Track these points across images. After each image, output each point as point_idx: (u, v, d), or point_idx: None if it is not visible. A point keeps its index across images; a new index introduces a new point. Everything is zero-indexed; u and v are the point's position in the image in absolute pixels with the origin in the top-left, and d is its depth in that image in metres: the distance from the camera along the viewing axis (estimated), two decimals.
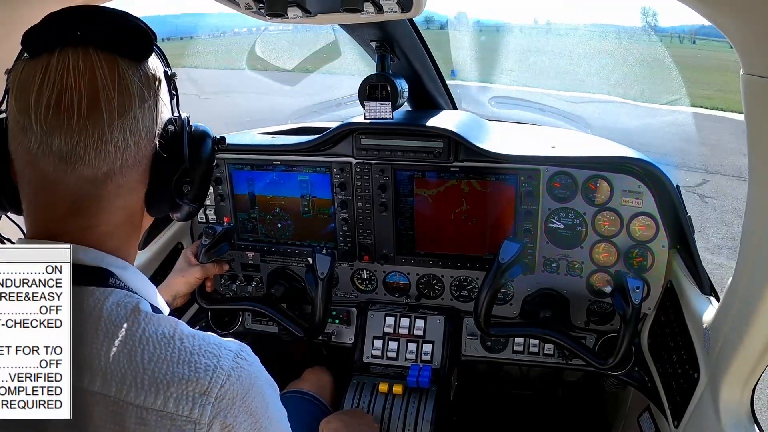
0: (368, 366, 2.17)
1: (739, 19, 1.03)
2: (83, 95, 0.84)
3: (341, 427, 1.79)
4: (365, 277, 2.29)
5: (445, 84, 2.40)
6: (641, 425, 2.06)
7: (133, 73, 0.89)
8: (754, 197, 1.23)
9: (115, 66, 0.87)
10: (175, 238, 2.28)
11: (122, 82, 0.88)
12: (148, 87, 0.92)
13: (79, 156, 0.85)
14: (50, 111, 0.84)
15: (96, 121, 0.85)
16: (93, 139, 0.85)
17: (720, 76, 15.65)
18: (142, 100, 0.90)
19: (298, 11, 1.24)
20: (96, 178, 0.88)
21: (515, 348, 2.16)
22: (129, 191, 0.93)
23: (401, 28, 1.94)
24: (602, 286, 2.01)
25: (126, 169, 0.90)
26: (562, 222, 2.00)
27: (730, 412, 1.41)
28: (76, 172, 0.86)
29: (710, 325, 1.52)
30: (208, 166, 1.06)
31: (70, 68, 0.84)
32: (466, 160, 2.02)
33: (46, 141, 0.84)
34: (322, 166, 2.14)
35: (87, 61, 0.85)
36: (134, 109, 0.89)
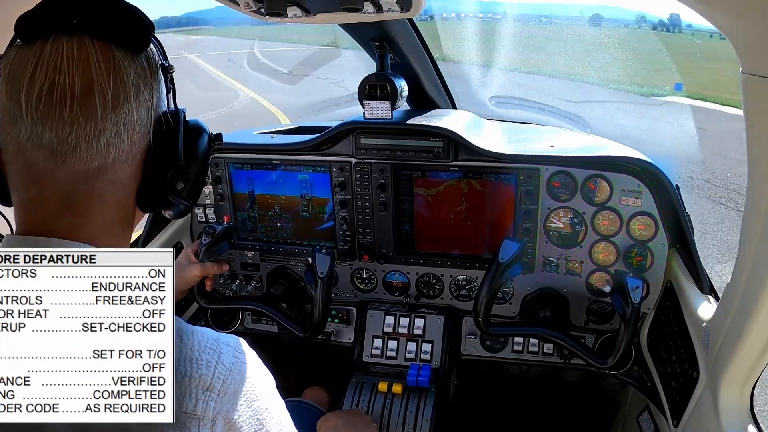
0: (368, 365, 2.17)
1: (738, 19, 1.03)
2: (76, 86, 0.81)
3: (339, 424, 1.79)
4: (365, 277, 2.29)
5: (445, 83, 2.40)
6: (641, 425, 2.06)
7: (129, 64, 0.86)
8: (754, 197, 1.23)
9: (111, 57, 0.84)
10: (175, 237, 2.28)
11: (117, 74, 0.84)
12: (144, 79, 0.89)
13: (70, 149, 0.83)
14: (42, 101, 0.80)
15: (89, 114, 0.82)
16: (85, 132, 0.82)
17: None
18: (137, 93, 0.87)
19: (298, 10, 1.24)
20: (87, 172, 0.85)
21: (515, 347, 2.16)
22: (121, 187, 0.91)
23: (401, 27, 1.94)
24: (602, 286, 2.01)
25: (118, 164, 0.88)
26: (562, 221, 2.00)
27: (730, 412, 1.41)
28: (66, 166, 0.84)
29: (710, 325, 1.52)
30: (203, 163, 1.03)
31: (64, 57, 0.81)
32: (466, 159, 2.02)
33: (36, 132, 0.82)
34: (322, 165, 2.14)
35: (82, 51, 0.82)
36: (129, 102, 0.86)
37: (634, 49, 13.38)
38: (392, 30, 1.90)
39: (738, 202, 7.09)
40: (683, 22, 18.10)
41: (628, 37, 15.77)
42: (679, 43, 18.95)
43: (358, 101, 1.96)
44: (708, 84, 13.14)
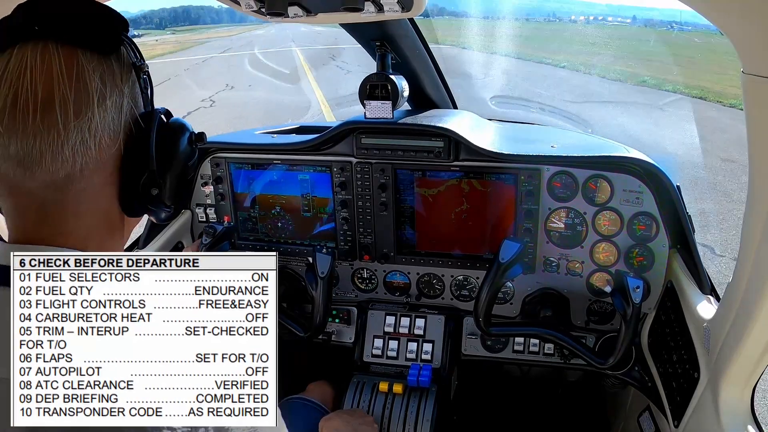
0: (368, 365, 2.17)
1: (738, 18, 1.03)
2: (39, 95, 0.78)
3: (341, 424, 1.79)
4: (365, 277, 2.29)
5: (446, 83, 2.40)
6: (641, 425, 2.06)
7: (94, 68, 0.82)
8: (755, 196, 1.23)
9: (75, 62, 0.81)
10: (176, 237, 2.28)
11: (80, 79, 0.81)
12: (112, 83, 0.85)
13: (35, 160, 0.80)
14: (5, 112, 0.78)
15: (51, 123, 0.79)
16: (49, 142, 0.79)
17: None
18: (102, 97, 0.83)
19: (299, 10, 1.24)
20: (55, 183, 0.82)
21: (515, 347, 2.16)
22: (97, 195, 0.87)
23: (402, 27, 1.94)
24: (602, 286, 2.01)
25: (87, 172, 0.84)
26: (563, 221, 2.00)
27: (731, 412, 1.41)
28: (35, 177, 0.81)
29: (710, 325, 1.52)
30: (181, 166, 0.97)
31: (28, 66, 0.79)
32: (467, 159, 2.02)
33: (3, 144, 0.79)
34: (323, 165, 2.14)
35: (45, 58, 0.80)
36: (93, 107, 0.82)
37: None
38: (393, 30, 1.91)
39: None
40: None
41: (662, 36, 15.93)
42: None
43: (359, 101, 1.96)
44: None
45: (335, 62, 18.47)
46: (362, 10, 1.22)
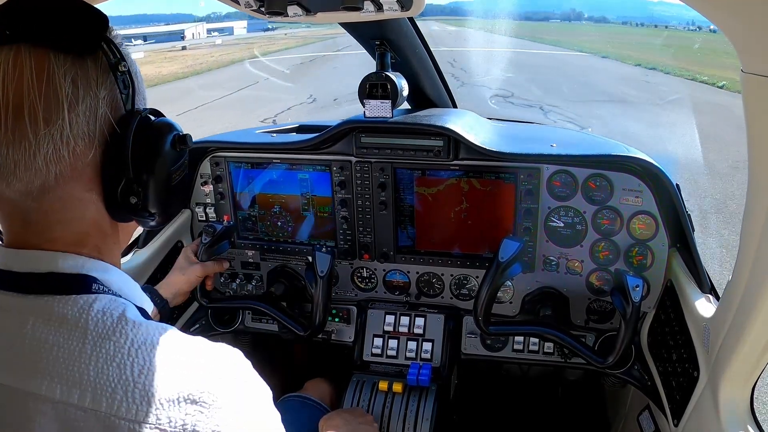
0: (368, 364, 2.17)
1: (738, 18, 1.03)
2: (10, 103, 0.76)
3: (341, 423, 1.78)
4: (365, 276, 2.29)
5: (445, 82, 2.40)
6: (641, 424, 2.07)
7: (65, 71, 0.79)
8: (754, 196, 1.23)
9: (45, 66, 0.78)
10: (176, 236, 2.28)
11: (50, 85, 0.77)
12: (86, 86, 0.81)
13: (9, 171, 0.78)
14: None
15: (22, 133, 0.77)
16: (21, 153, 0.77)
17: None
18: (74, 103, 0.79)
19: (298, 9, 1.24)
20: (31, 192, 0.80)
21: (515, 346, 2.16)
22: (77, 203, 0.85)
23: (401, 26, 1.94)
24: (602, 285, 2.01)
25: (63, 180, 0.81)
26: (562, 220, 2.00)
27: (730, 411, 1.41)
28: (11, 187, 0.80)
29: (710, 324, 1.52)
30: (165, 173, 0.91)
31: (0, 72, 0.76)
32: (466, 158, 2.02)
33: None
34: (322, 164, 2.14)
35: (17, 63, 0.77)
36: (63, 114, 0.78)
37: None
38: (392, 29, 1.90)
39: None
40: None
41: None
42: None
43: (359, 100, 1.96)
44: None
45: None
46: (362, 10, 1.22)
